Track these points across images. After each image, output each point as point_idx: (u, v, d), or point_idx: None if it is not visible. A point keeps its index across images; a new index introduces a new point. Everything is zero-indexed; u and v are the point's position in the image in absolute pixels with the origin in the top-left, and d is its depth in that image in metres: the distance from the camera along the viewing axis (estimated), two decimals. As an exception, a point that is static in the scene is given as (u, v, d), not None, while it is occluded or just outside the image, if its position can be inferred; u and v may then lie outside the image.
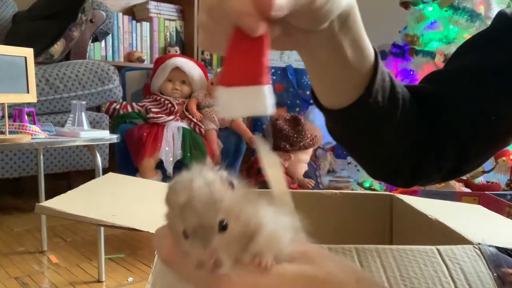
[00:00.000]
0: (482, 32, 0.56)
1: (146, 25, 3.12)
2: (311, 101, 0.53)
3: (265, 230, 0.28)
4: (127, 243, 1.72)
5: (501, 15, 0.54)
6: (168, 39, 3.21)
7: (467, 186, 1.95)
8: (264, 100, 0.30)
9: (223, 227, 0.27)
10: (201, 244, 0.27)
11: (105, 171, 1.16)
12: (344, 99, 0.46)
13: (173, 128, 2.25)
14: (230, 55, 0.31)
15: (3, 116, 1.39)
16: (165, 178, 2.18)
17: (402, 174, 0.54)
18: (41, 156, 1.65)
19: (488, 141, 0.53)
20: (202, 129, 2.31)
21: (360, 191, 1.62)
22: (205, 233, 0.27)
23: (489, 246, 0.53)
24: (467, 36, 2.18)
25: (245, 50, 0.30)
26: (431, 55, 2.19)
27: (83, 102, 1.62)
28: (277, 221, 0.29)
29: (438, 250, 0.50)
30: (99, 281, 1.39)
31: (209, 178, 0.28)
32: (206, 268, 0.27)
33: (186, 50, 3.24)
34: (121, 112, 2.38)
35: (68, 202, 0.65)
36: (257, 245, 0.28)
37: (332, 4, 0.35)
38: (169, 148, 2.20)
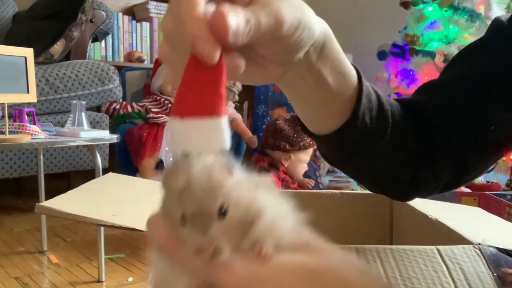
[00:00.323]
0: (478, 40, 0.55)
1: (146, 25, 3.12)
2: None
3: (265, 217, 0.27)
4: (127, 243, 1.72)
5: (496, 22, 0.53)
6: (168, 39, 3.21)
7: (467, 186, 1.95)
8: (221, 134, 0.28)
9: (223, 213, 0.26)
10: (200, 230, 0.26)
11: (105, 171, 1.16)
12: (330, 125, 0.45)
13: (173, 128, 2.25)
14: (185, 84, 0.29)
15: (3, 116, 1.39)
16: (165, 178, 2.17)
17: (399, 187, 0.53)
18: (41, 156, 1.65)
19: (488, 150, 0.52)
20: (202, 129, 2.31)
21: (360, 191, 1.62)
22: (204, 219, 0.26)
23: (489, 246, 0.53)
24: (467, 36, 2.18)
25: (201, 80, 0.28)
26: (431, 55, 2.19)
27: (83, 102, 1.62)
28: (278, 209, 0.29)
29: (438, 250, 0.50)
30: (99, 281, 1.38)
31: (208, 163, 0.27)
32: (204, 256, 0.26)
33: (186, 50, 3.24)
34: (121, 112, 2.38)
35: (68, 202, 0.65)
36: (256, 232, 0.27)
37: (302, 32, 0.34)
38: (169, 148, 2.20)
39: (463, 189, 1.87)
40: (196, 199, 0.26)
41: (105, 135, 1.58)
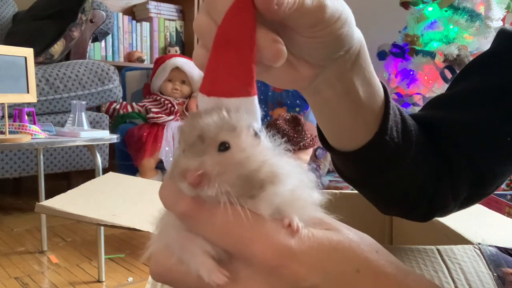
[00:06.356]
0: (486, 52, 0.53)
1: (146, 25, 3.12)
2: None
3: (288, 185, 0.26)
4: (127, 243, 1.72)
5: (503, 32, 0.52)
6: (168, 39, 3.21)
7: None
8: (255, 113, 0.27)
9: (224, 147, 0.25)
10: (193, 155, 0.24)
11: (105, 171, 1.16)
12: (357, 140, 0.43)
13: (173, 128, 2.25)
14: (214, 59, 0.27)
15: (3, 116, 1.39)
16: (165, 178, 2.18)
17: (419, 208, 0.51)
18: (41, 156, 1.65)
19: (505, 162, 0.50)
20: (202, 129, 2.32)
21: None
22: (201, 145, 0.25)
23: (489, 246, 0.53)
24: (467, 36, 2.18)
25: (232, 56, 0.27)
26: (431, 55, 2.19)
27: (83, 102, 1.62)
28: (301, 179, 0.27)
29: (438, 250, 0.50)
30: (99, 281, 1.38)
31: (229, 115, 0.26)
32: (189, 181, 0.24)
33: (186, 50, 3.24)
34: (121, 112, 2.38)
35: (68, 202, 0.65)
36: (279, 199, 0.26)
37: (342, 26, 0.32)
38: (169, 148, 2.20)
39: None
40: (200, 127, 0.25)
41: (105, 135, 1.58)
